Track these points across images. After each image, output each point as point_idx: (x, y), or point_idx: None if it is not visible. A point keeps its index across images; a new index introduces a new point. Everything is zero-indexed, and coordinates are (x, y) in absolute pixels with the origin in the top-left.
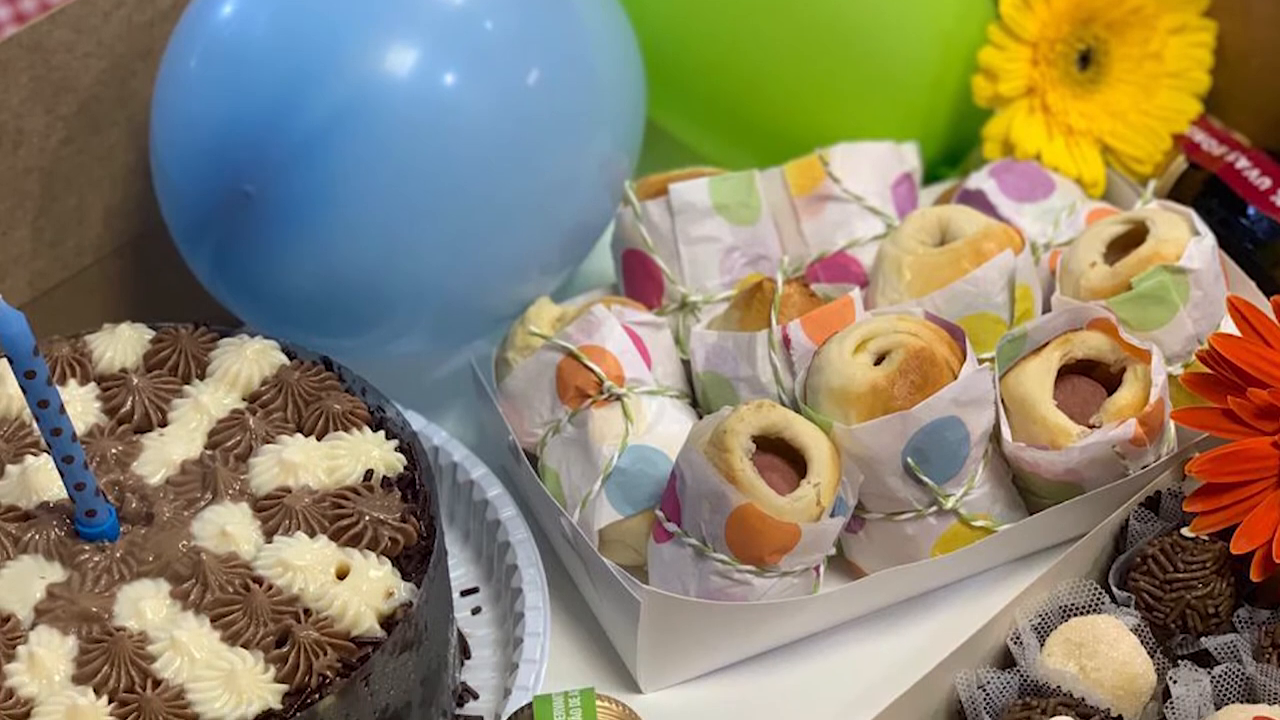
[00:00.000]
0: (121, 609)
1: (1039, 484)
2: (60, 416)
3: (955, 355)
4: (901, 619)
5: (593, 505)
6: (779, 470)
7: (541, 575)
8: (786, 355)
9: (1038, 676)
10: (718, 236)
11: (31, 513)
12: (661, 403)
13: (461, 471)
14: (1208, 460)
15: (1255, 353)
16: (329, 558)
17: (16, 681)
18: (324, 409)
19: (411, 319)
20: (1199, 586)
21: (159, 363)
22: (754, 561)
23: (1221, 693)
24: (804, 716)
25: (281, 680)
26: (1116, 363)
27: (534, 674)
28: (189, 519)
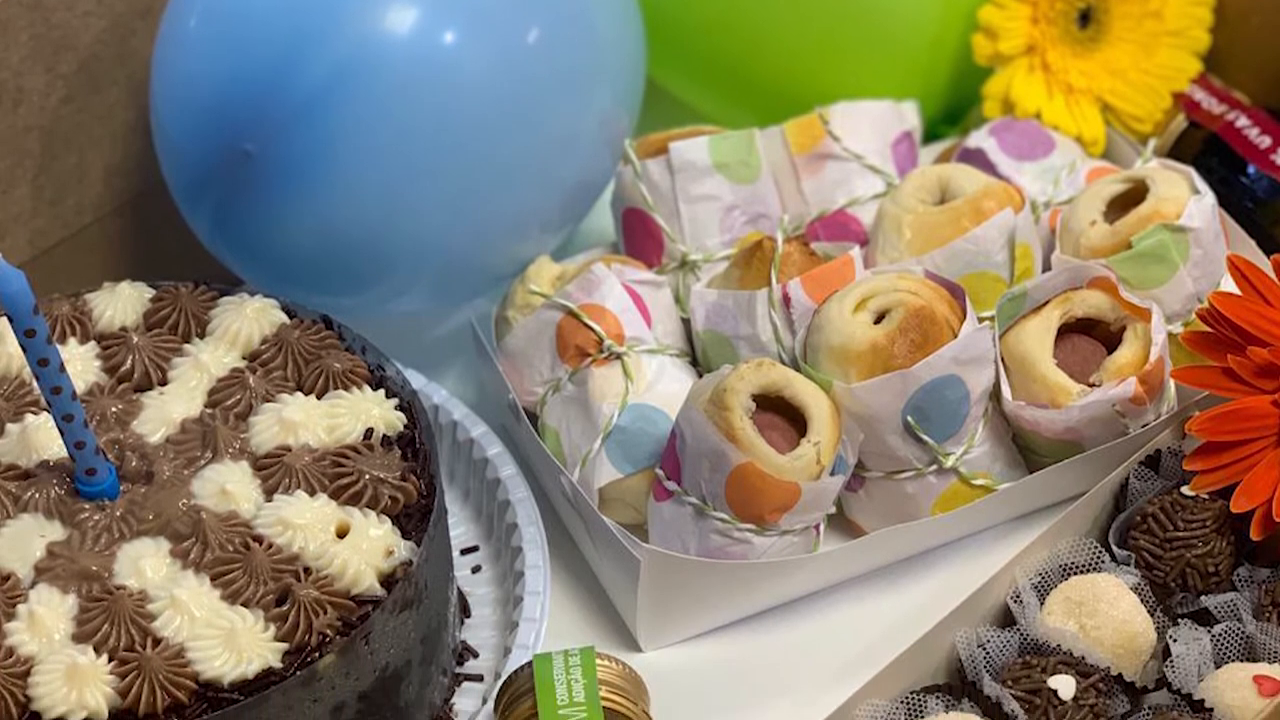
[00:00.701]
0: (121, 567)
1: (1039, 442)
2: (60, 375)
3: (955, 314)
4: (901, 577)
5: (593, 464)
6: (779, 429)
7: (541, 534)
8: (786, 314)
9: (1038, 635)
10: (718, 195)
11: (31, 471)
12: (661, 361)
13: (461, 430)
14: (1208, 419)
15: (1255, 311)
16: (329, 516)
17: (16, 640)
18: (324, 367)
19: (411, 277)
20: (1199, 545)
21: (159, 321)
22: (754, 520)
23: (1221, 651)
24: (804, 675)
25: (281, 639)
26: (1116, 321)
27: (534, 632)
28: (189, 477)
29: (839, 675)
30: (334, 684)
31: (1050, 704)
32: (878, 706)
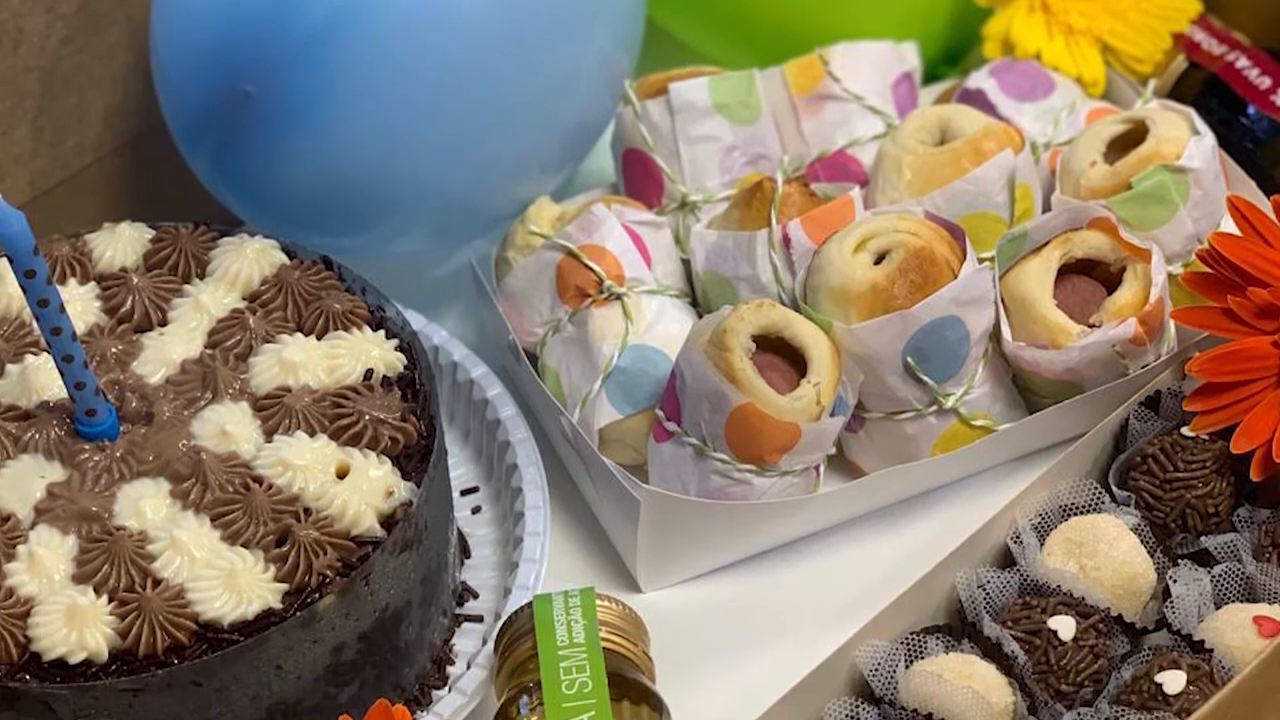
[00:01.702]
0: (121, 508)
1: (1039, 383)
2: (60, 316)
3: (955, 254)
4: (901, 518)
5: (592, 404)
6: (779, 369)
7: (541, 474)
8: (786, 254)
9: (1037, 576)
10: (718, 136)
11: (31, 412)
12: (661, 302)
13: (461, 371)
14: (1208, 359)
15: (1255, 252)
16: (329, 457)
17: (16, 581)
18: (324, 308)
19: (411, 218)
20: (1199, 486)
21: (159, 262)
22: (754, 461)
23: (1221, 592)
24: (804, 616)
25: (281, 579)
26: (1116, 262)
27: (534, 573)
28: (189, 418)
29: (839, 616)
30: (334, 625)
31: (1050, 644)
32: (878, 647)
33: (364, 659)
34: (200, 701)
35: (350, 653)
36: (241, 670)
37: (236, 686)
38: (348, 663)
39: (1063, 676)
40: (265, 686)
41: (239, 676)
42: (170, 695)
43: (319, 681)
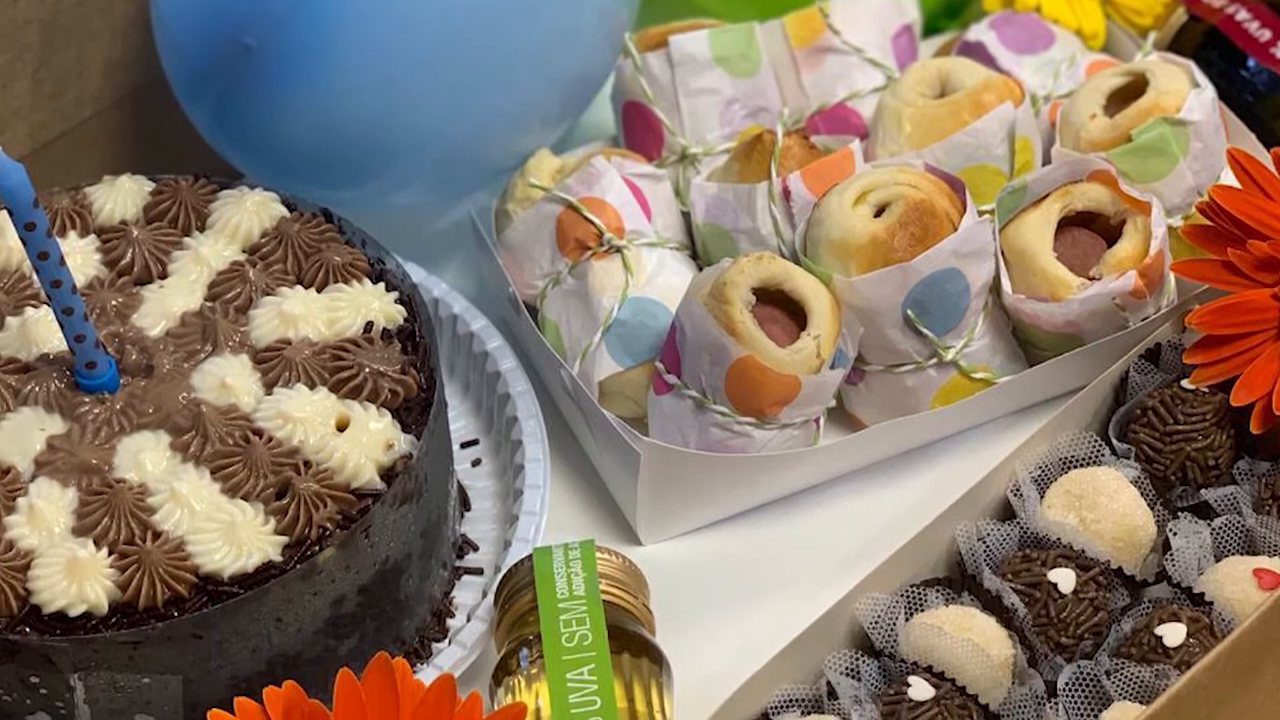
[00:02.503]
0: (121, 461)
1: (1039, 336)
2: (60, 268)
3: (955, 207)
4: (901, 471)
5: (592, 357)
6: (779, 322)
7: (541, 427)
8: (786, 207)
9: (1037, 528)
10: (718, 89)
11: (31, 365)
12: (661, 255)
13: (461, 323)
14: (1208, 312)
15: (1255, 205)
16: (329, 410)
17: (17, 533)
18: (324, 261)
19: (411, 171)
20: (1199, 438)
21: (159, 215)
22: (754, 413)
23: (1221, 545)
24: (804, 568)
25: (281, 532)
26: (1116, 215)
27: (534, 526)
28: (189, 371)
29: (839, 568)
30: (334, 577)
31: (1050, 597)
32: (877, 600)
33: (364, 611)
34: (200, 654)
35: (350, 605)
36: (241, 623)
37: (236, 639)
38: (348, 615)
39: (1062, 629)
40: (265, 639)
41: (239, 629)
42: (170, 648)
43: (319, 634)
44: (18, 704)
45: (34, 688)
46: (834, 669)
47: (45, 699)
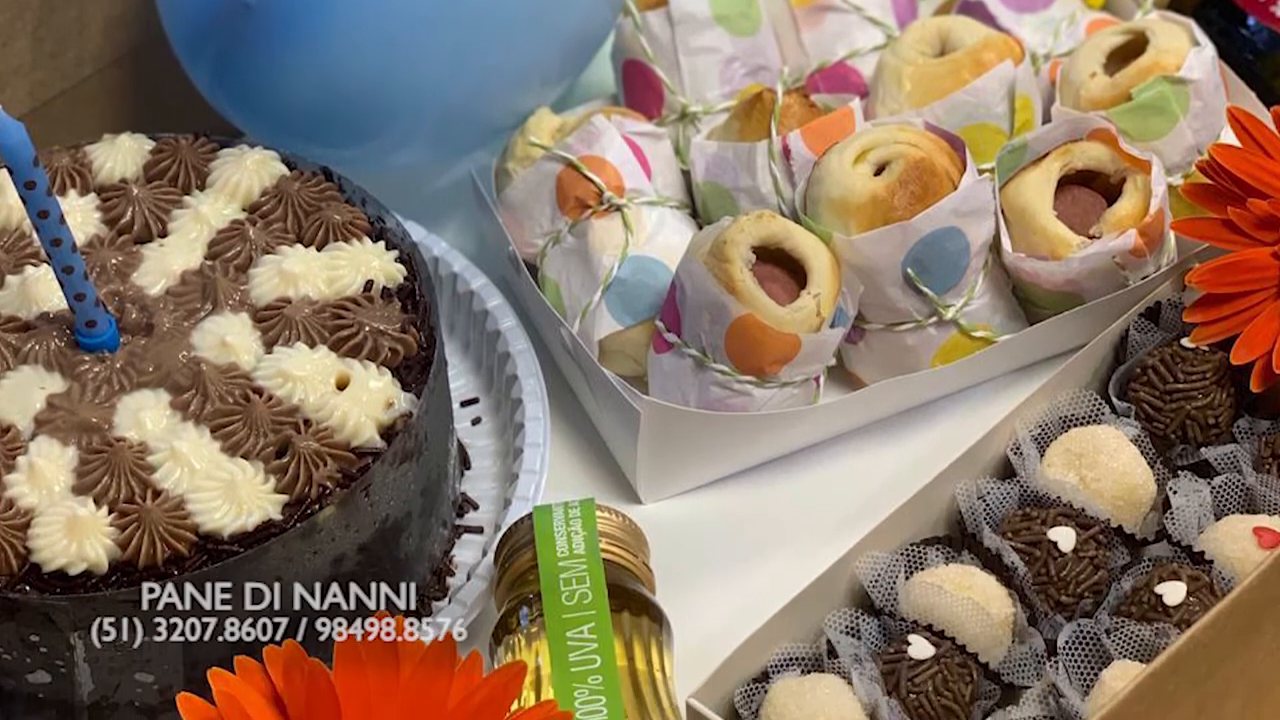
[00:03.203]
0: (121, 419)
1: (1039, 294)
2: (60, 227)
3: (955, 166)
4: (901, 430)
5: (592, 316)
6: (779, 280)
7: (541, 386)
8: (786, 166)
9: (1037, 487)
10: (718, 47)
11: (31, 323)
12: (661, 213)
13: (461, 282)
14: (1208, 270)
15: (1255, 163)
16: (329, 368)
17: (16, 492)
18: (324, 219)
19: (411, 129)
20: (1199, 397)
21: (159, 173)
22: (754, 372)
23: (1221, 503)
24: (804, 527)
25: (281, 491)
26: (1116, 173)
27: (534, 485)
28: (189, 329)
29: (839, 527)
30: (334, 536)
31: (1050, 556)
32: (877, 558)
33: (364, 570)
34: None
35: (350, 564)
36: (241, 581)
37: None
38: (348, 574)
39: (1062, 587)
40: None
41: None
42: None
43: None
44: (17, 662)
45: (34, 646)
46: (834, 627)
47: (45, 657)
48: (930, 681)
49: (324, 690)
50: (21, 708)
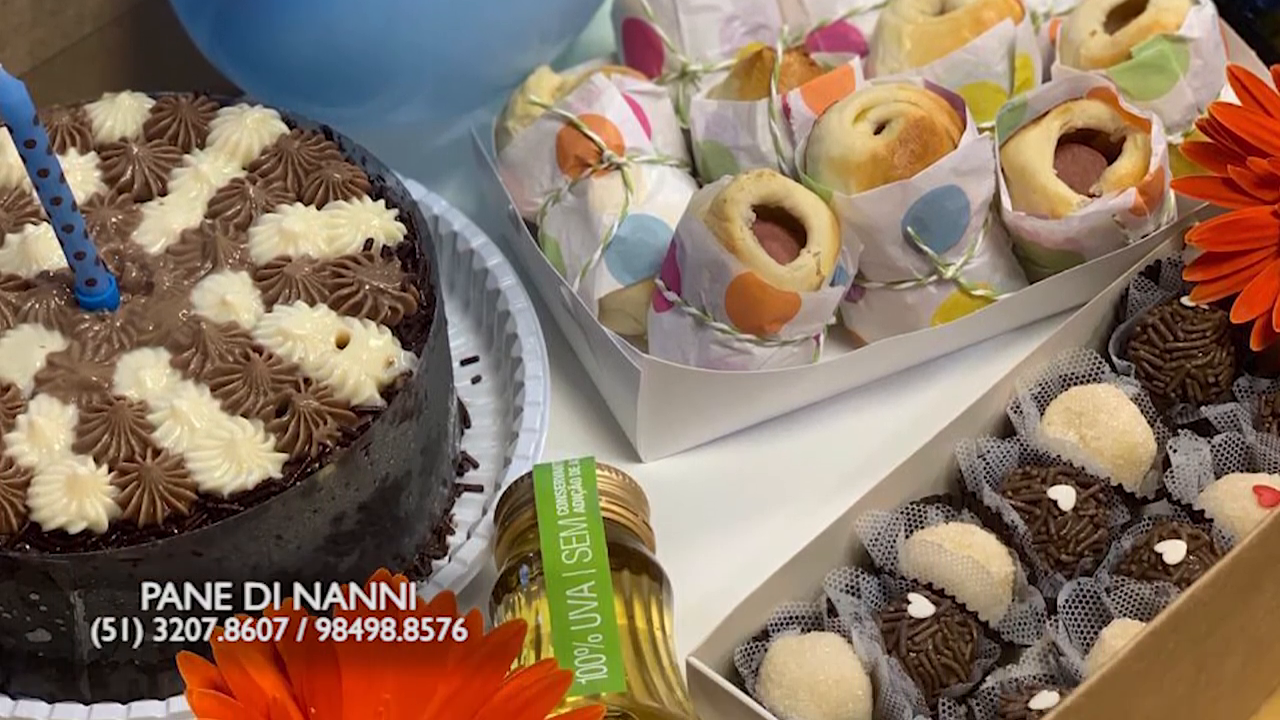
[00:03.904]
0: (121, 378)
1: (1039, 253)
2: (60, 185)
3: (955, 124)
4: (901, 388)
5: (592, 274)
6: (779, 239)
7: (541, 344)
8: (786, 124)
9: (1038, 445)
10: (718, 5)
11: (31, 282)
12: (661, 172)
13: (461, 240)
14: (1208, 229)
15: (1255, 121)
16: (329, 327)
17: (16, 450)
18: (324, 178)
19: (412, 87)
20: (1199, 355)
21: (159, 132)
22: (754, 330)
23: (1221, 462)
24: (804, 485)
25: (281, 449)
26: (1116, 132)
27: (534, 443)
28: (189, 288)
29: (839, 486)
30: (334, 494)
31: (1050, 514)
32: (878, 517)
33: (364, 529)
34: (200, 571)
35: (350, 522)
36: (241, 540)
37: (236, 556)
38: (348, 532)
39: (1062, 546)
40: (265, 556)
41: (239, 546)
42: (170, 565)
43: (319, 551)
44: (18, 621)
45: (34, 605)
46: (834, 586)
47: (45, 616)
48: (930, 640)
49: (324, 649)
50: (22, 666)
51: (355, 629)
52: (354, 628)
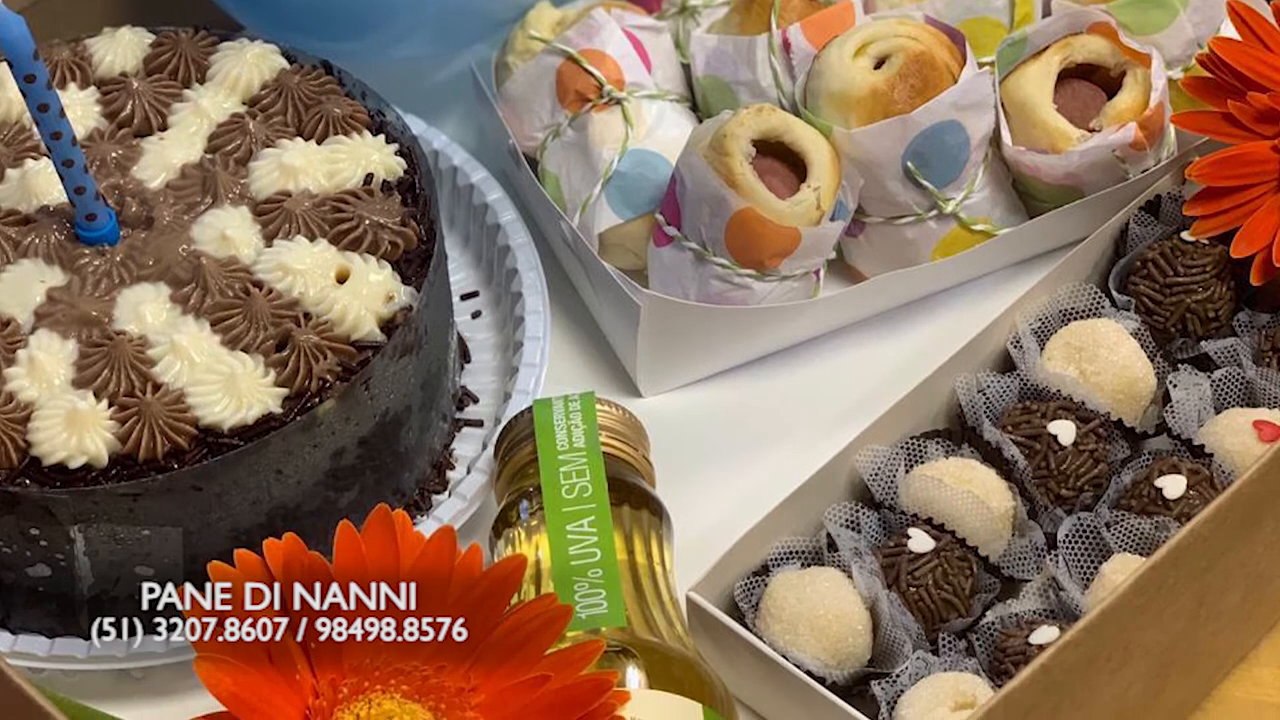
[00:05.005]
0: (121, 313)
1: (1039, 188)
2: (60, 120)
3: (955, 59)
4: (901, 323)
5: (593, 209)
6: (779, 174)
7: (542, 279)
8: (786, 59)
9: (1038, 380)
10: None
11: (31, 217)
12: (661, 107)
13: (461, 175)
14: (1208, 164)
15: (1255, 56)
16: (329, 261)
17: (16, 385)
18: (324, 113)
19: (412, 22)
20: (1199, 290)
21: (159, 67)
22: (754, 265)
23: (1221, 396)
24: (804, 420)
25: (281, 384)
26: (1116, 67)
27: (534, 378)
28: (189, 223)
29: (839, 420)
30: (334, 429)
31: (1050, 449)
32: (877, 452)
33: (364, 463)
34: (200, 506)
35: (350, 457)
36: (241, 475)
37: (236, 491)
38: (347, 467)
39: (1062, 481)
40: (265, 491)
41: (239, 481)
42: (170, 499)
43: (319, 486)
44: (18, 556)
45: (34, 540)
46: (834, 521)
47: (45, 551)
48: (930, 575)
49: (323, 581)
50: (22, 601)
51: (355, 564)
52: (354, 563)
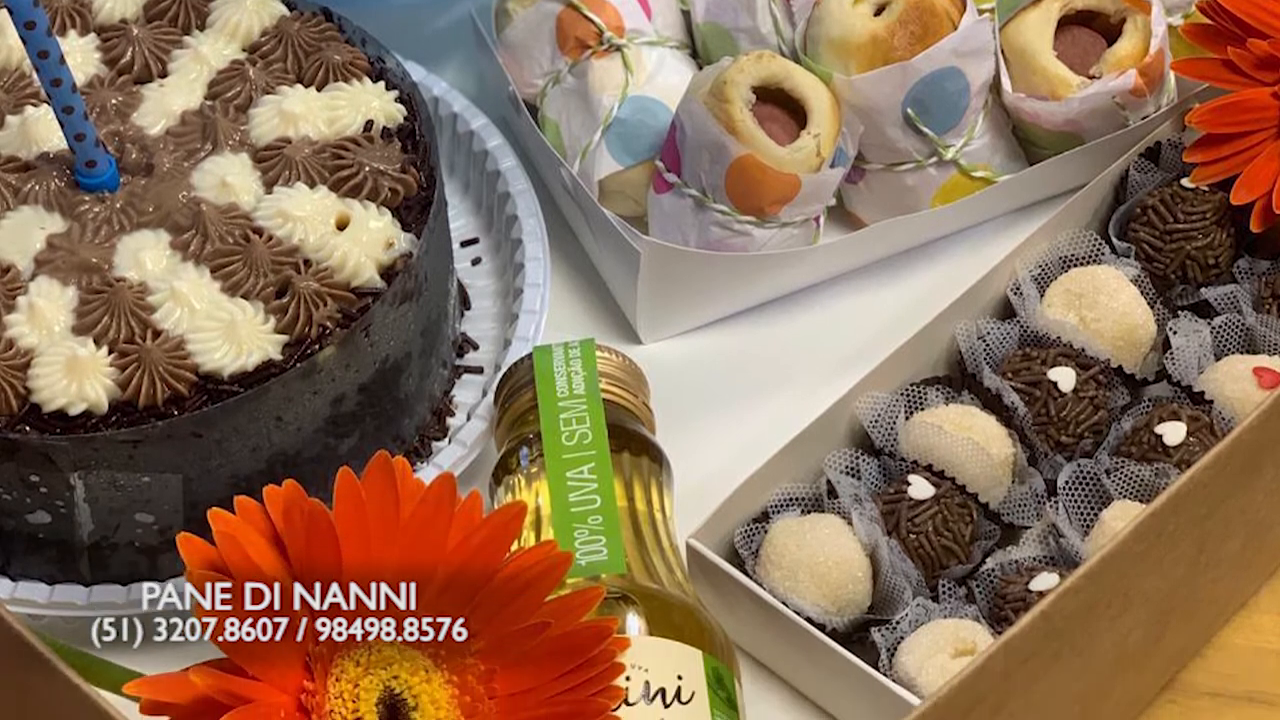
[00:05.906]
0: (121, 259)
1: (1039, 135)
2: (60, 67)
3: (955, 5)
4: (902, 270)
5: (593, 156)
6: (779, 121)
7: (541, 226)
8: (786, 6)
9: (1038, 327)
10: None
11: (31, 163)
12: (661, 53)
13: (461, 122)
14: (1208, 111)
15: (1255, 3)
16: (329, 208)
17: (16, 332)
18: (324, 60)
19: None
20: (1199, 237)
21: (159, 13)
22: (754, 212)
23: (1221, 343)
24: (804, 367)
25: (281, 331)
26: (1116, 13)
27: (534, 325)
28: (189, 170)
29: (839, 367)
30: (334, 376)
31: (1050, 396)
32: (878, 398)
33: (364, 410)
34: (200, 452)
35: (350, 404)
36: (241, 422)
37: (236, 438)
38: (347, 414)
39: (1062, 428)
40: (265, 438)
41: (239, 428)
42: (170, 446)
43: (319, 433)
44: (18, 503)
45: (34, 486)
46: (834, 468)
47: (45, 498)
48: (930, 521)
49: (324, 530)
50: (22, 548)
51: (355, 511)
52: (354, 510)
